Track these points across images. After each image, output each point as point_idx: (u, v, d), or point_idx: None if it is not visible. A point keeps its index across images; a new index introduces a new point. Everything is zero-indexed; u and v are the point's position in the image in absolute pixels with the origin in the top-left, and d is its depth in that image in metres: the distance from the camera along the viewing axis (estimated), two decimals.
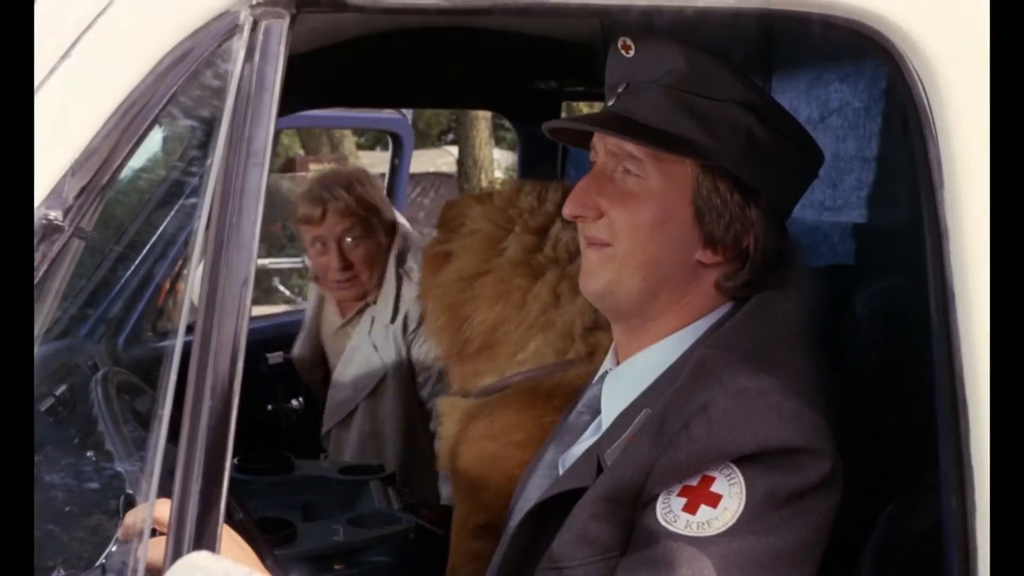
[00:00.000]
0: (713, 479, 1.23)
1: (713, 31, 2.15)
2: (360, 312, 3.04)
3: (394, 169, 4.49)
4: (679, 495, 1.24)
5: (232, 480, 1.07)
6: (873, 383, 1.49)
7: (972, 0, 1.07)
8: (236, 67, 1.00)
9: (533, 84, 3.07)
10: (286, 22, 1.03)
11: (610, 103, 1.45)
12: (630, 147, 1.40)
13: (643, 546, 1.25)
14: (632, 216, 1.40)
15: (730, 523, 1.20)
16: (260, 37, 1.01)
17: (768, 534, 1.20)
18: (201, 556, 0.92)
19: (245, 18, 1.00)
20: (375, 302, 3.01)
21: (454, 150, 13.44)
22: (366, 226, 2.97)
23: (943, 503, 1.05)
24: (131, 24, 1.01)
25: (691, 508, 1.23)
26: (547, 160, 3.13)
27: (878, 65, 1.11)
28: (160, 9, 1.02)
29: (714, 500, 1.22)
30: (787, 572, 1.22)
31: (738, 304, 1.42)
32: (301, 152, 12.43)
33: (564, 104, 3.37)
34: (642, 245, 1.40)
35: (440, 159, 14.17)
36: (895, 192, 1.74)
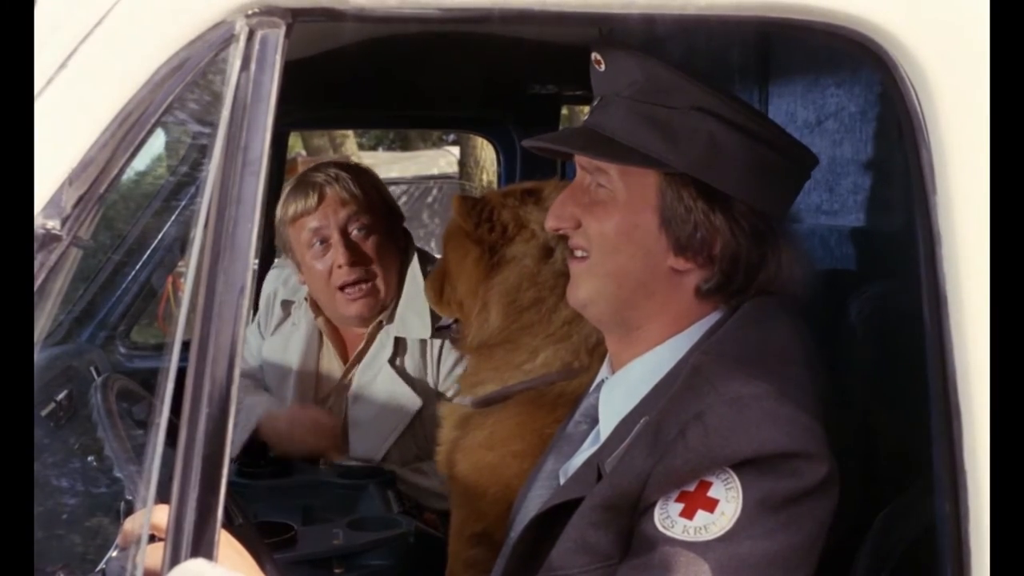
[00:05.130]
0: (710, 484, 1.24)
1: (711, 38, 2.17)
2: (366, 348, 2.50)
3: None
4: (676, 500, 1.25)
5: (232, 484, 1.08)
6: (869, 387, 1.49)
7: (964, 7, 1.08)
8: (232, 76, 1.00)
9: (532, 89, 3.07)
10: (282, 31, 1.03)
11: (586, 118, 1.50)
12: (597, 160, 1.43)
13: (641, 552, 1.25)
14: (600, 225, 1.43)
15: (727, 528, 1.21)
16: (256, 46, 1.02)
17: (764, 539, 1.21)
18: (197, 564, 0.92)
19: (241, 28, 1.01)
20: (391, 320, 2.47)
21: (455, 151, 13.44)
22: (374, 216, 2.44)
23: (936, 507, 1.06)
24: (128, 34, 1.02)
25: (688, 513, 1.24)
26: (546, 164, 3.13)
27: (874, 70, 1.12)
28: (157, 19, 1.02)
29: (711, 505, 1.23)
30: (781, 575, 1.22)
31: (731, 311, 1.43)
32: (303, 152, 12.44)
33: (565, 109, 3.39)
34: (611, 254, 1.43)
35: (442, 159, 14.18)
36: (891, 196, 1.75)
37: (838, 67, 1.92)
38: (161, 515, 0.99)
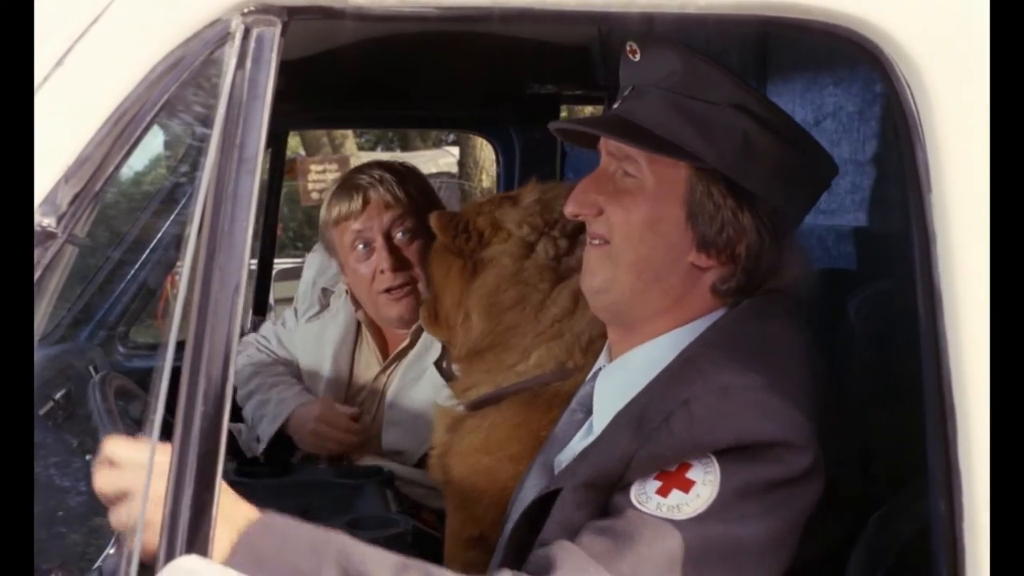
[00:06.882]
0: (690, 466, 1.25)
1: (710, 36, 2.17)
2: (404, 350, 2.48)
3: None
4: (655, 479, 1.26)
5: (231, 483, 1.09)
6: (867, 386, 1.49)
7: (960, 5, 1.08)
8: (228, 74, 1.01)
9: (532, 89, 3.07)
10: (278, 29, 1.04)
11: (615, 106, 1.49)
12: (627, 148, 1.43)
13: (611, 517, 1.26)
14: (626, 214, 1.42)
15: (700, 510, 1.22)
16: (252, 44, 1.02)
17: (736, 524, 1.21)
18: (191, 560, 0.92)
19: (236, 26, 1.01)
20: None
21: (455, 151, 13.43)
22: (419, 219, 2.35)
23: (931, 507, 1.06)
24: (124, 32, 1.02)
25: (664, 492, 1.24)
26: (545, 164, 3.14)
27: (871, 69, 1.12)
28: (152, 17, 1.02)
29: (687, 486, 1.23)
30: (752, 564, 1.22)
31: (734, 306, 1.43)
32: (302, 152, 12.44)
33: (564, 108, 3.38)
34: (634, 244, 1.42)
35: (442, 159, 14.18)
36: (889, 196, 1.75)
37: (836, 66, 1.92)
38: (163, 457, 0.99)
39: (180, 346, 0.99)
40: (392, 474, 2.38)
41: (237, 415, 2.69)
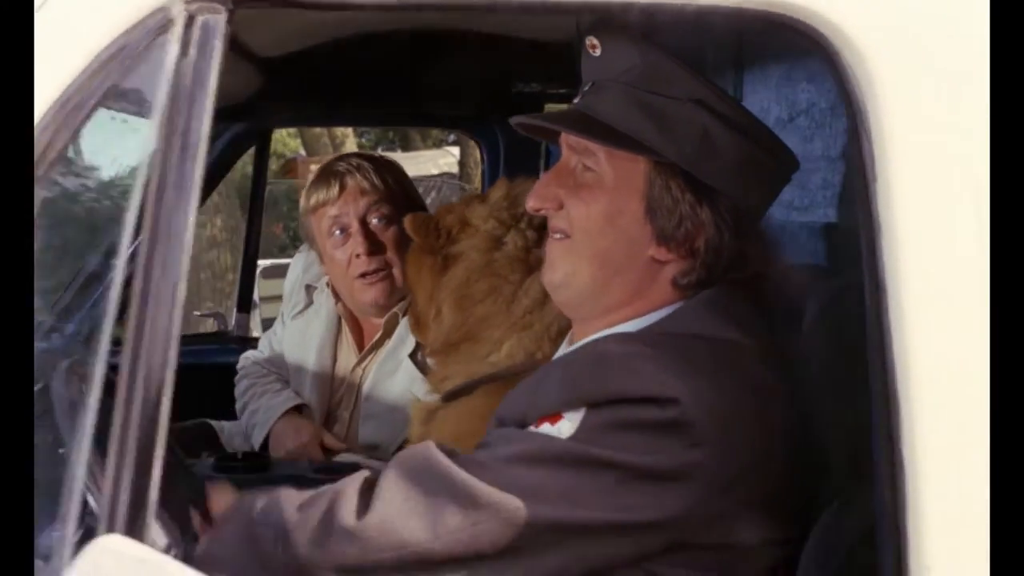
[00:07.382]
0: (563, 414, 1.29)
1: (684, 33, 2.16)
2: (379, 342, 2.50)
3: None
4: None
5: (209, 478, 1.08)
6: (828, 380, 1.48)
7: None
8: (170, 62, 1.00)
9: (517, 87, 3.07)
10: (223, 17, 1.03)
11: (576, 101, 1.48)
12: (587, 143, 1.43)
13: None
14: (586, 208, 1.43)
15: (558, 437, 1.27)
16: (196, 32, 1.02)
17: (583, 443, 1.25)
18: (115, 540, 0.92)
19: (179, 13, 1.01)
20: (407, 312, 2.36)
21: (455, 151, 13.43)
22: (395, 206, 2.41)
23: (877, 499, 1.05)
24: (66, 21, 1.02)
25: (537, 425, 1.30)
26: (530, 162, 3.14)
27: (823, 61, 1.12)
28: (95, 6, 1.02)
29: (556, 420, 1.28)
30: (586, 478, 1.24)
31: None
32: (302, 152, 12.45)
33: (549, 106, 3.38)
34: (594, 237, 1.43)
35: (442, 159, 14.18)
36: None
37: (810, 63, 1.91)
38: None
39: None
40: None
41: (221, 413, 2.71)
